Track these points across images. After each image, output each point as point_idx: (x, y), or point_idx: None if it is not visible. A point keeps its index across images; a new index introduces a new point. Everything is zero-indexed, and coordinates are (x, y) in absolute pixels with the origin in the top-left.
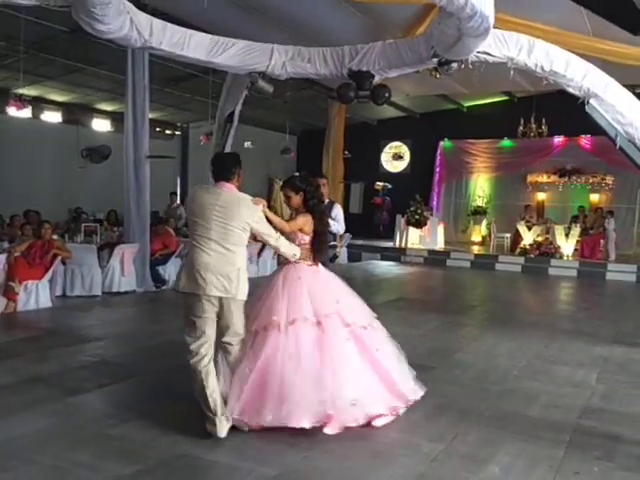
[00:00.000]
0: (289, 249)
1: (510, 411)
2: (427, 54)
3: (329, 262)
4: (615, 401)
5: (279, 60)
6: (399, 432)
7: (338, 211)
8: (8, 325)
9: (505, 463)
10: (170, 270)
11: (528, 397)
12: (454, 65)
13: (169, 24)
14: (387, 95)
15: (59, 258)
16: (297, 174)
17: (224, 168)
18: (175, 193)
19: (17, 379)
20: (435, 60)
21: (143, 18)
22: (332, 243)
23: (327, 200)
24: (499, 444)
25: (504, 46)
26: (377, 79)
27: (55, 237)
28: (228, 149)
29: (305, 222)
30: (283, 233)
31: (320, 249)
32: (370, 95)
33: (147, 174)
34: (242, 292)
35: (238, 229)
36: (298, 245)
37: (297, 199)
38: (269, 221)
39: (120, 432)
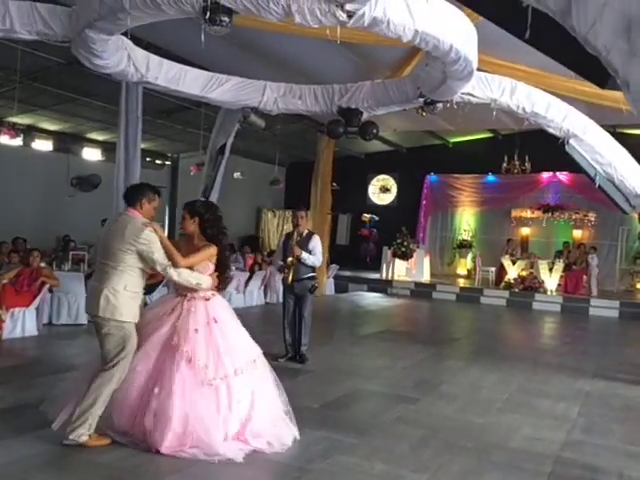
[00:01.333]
0: (187, 279)
1: (493, 442)
2: (414, 94)
3: (309, 293)
4: (595, 434)
5: (271, 96)
6: (384, 463)
7: (316, 243)
8: None
9: None
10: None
11: (510, 429)
12: (439, 105)
13: (165, 60)
14: (375, 131)
15: (47, 286)
16: (202, 199)
17: (129, 196)
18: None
19: (4, 406)
20: (421, 100)
21: (140, 54)
22: (311, 274)
23: (306, 231)
24: (482, 475)
25: (487, 88)
26: (365, 116)
27: (43, 265)
28: (219, 180)
29: (206, 256)
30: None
31: (223, 284)
32: (358, 131)
33: None
34: (112, 313)
35: (120, 249)
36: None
37: (190, 224)
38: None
39: (107, 459)
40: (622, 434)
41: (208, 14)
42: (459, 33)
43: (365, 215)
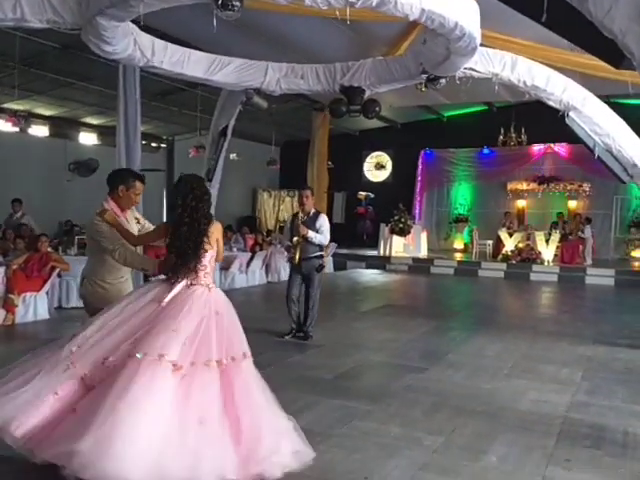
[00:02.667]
0: (132, 263)
1: (502, 406)
2: (416, 70)
3: (316, 272)
4: (599, 395)
5: (273, 77)
6: (400, 427)
7: (323, 222)
8: (8, 336)
9: (501, 452)
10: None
11: (517, 393)
12: (442, 81)
13: (170, 44)
14: (377, 109)
15: (57, 271)
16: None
17: (108, 183)
18: (19, 200)
19: None
20: (424, 76)
21: (145, 39)
22: (318, 253)
23: (313, 210)
24: (494, 436)
25: (489, 63)
26: (368, 94)
27: (49, 250)
28: (221, 162)
29: (154, 235)
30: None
31: (165, 268)
32: (361, 109)
33: None
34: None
35: (89, 238)
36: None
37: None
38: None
39: None
40: (625, 395)
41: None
42: (463, 11)
43: (361, 193)
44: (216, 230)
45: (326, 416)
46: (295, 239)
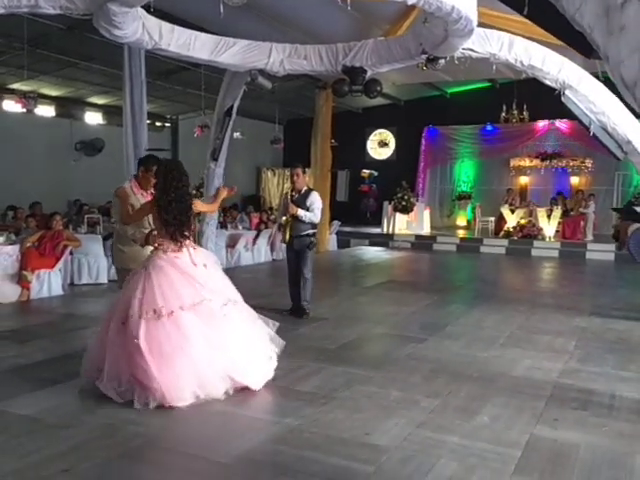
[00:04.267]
0: (128, 233)
1: (496, 372)
2: (416, 51)
3: (307, 249)
4: (590, 363)
5: (277, 57)
6: (399, 391)
7: (314, 199)
8: (25, 311)
9: (494, 413)
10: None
11: (512, 361)
12: (442, 61)
13: (176, 27)
14: (379, 89)
15: (69, 248)
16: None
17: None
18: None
19: (49, 356)
20: (424, 56)
21: (153, 22)
22: (311, 231)
23: (305, 188)
24: (487, 399)
25: (487, 43)
26: (369, 74)
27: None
28: (226, 142)
29: (141, 212)
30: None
31: (146, 240)
32: (363, 89)
33: None
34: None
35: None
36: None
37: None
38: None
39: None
40: (615, 362)
41: None
42: None
43: (364, 171)
44: (197, 204)
45: (330, 381)
46: (284, 218)
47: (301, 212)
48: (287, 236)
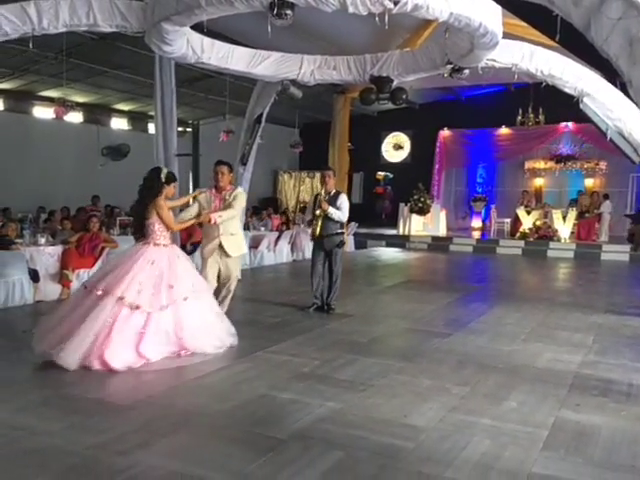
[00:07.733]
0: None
1: (520, 364)
2: (441, 61)
3: (337, 248)
4: (608, 356)
5: (308, 68)
6: (430, 379)
7: (343, 200)
8: None
9: (520, 399)
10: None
11: (534, 354)
12: (466, 71)
13: (216, 41)
14: (405, 97)
15: (107, 249)
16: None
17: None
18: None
19: None
20: (449, 67)
21: (195, 37)
22: (339, 230)
23: (334, 190)
24: (513, 386)
25: (509, 54)
26: (396, 83)
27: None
28: (255, 147)
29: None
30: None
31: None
32: (389, 97)
33: (176, 171)
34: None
35: None
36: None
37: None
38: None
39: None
40: (631, 355)
41: (275, 10)
42: (487, 11)
43: (379, 173)
44: (155, 206)
45: (365, 371)
46: (317, 212)
47: (331, 209)
48: (318, 230)
